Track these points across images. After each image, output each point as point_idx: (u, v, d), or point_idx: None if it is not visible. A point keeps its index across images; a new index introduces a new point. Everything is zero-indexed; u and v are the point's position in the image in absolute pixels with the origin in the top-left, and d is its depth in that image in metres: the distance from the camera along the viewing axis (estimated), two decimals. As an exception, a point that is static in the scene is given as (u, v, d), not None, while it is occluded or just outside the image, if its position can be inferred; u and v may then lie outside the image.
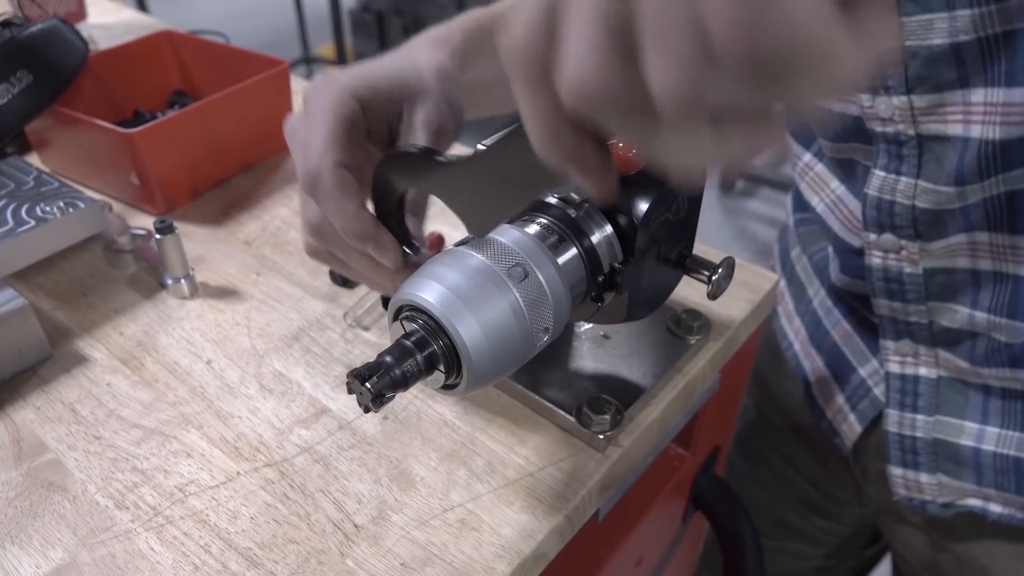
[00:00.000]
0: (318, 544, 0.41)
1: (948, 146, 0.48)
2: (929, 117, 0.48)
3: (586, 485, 0.43)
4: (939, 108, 0.48)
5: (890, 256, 0.54)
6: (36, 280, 0.59)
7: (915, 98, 0.48)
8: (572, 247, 0.39)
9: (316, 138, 0.39)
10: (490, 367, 0.35)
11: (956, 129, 0.47)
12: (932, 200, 0.50)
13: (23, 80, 0.63)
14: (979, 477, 0.56)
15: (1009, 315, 0.51)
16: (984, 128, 0.46)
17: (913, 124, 0.49)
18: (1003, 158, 0.46)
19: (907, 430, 0.58)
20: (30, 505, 0.43)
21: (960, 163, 0.48)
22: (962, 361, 0.55)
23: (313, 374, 0.50)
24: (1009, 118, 0.45)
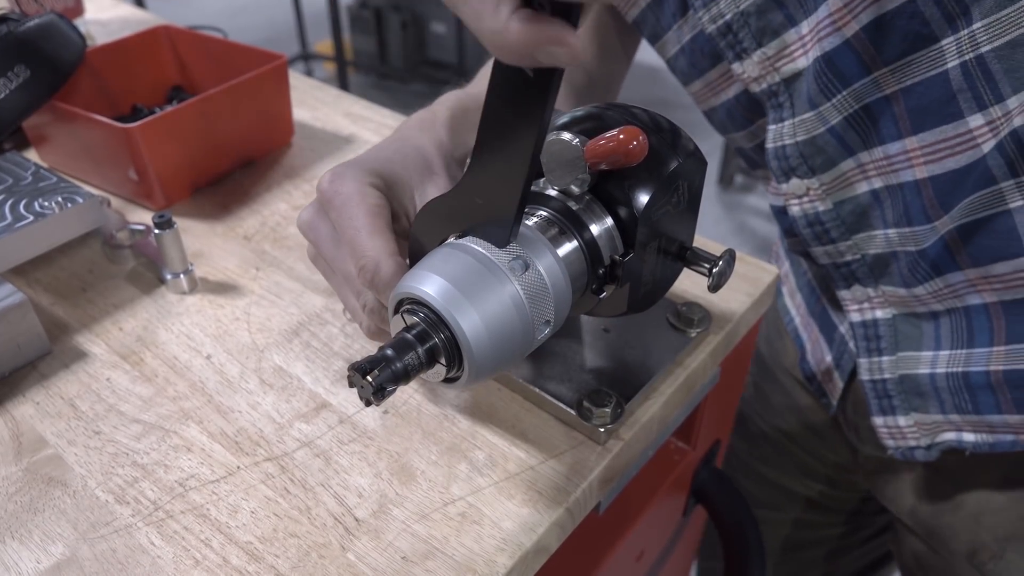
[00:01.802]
0: (319, 538, 0.40)
1: (803, 78, 0.54)
2: (782, 60, 0.55)
3: (587, 478, 0.43)
4: (785, 50, 0.55)
5: (804, 201, 0.58)
6: (35, 275, 0.59)
7: (766, 49, 0.55)
8: (572, 239, 0.39)
9: (360, 232, 0.42)
10: (491, 360, 0.35)
11: (802, 62, 0.54)
12: (804, 129, 0.55)
13: (20, 75, 0.63)
14: (941, 404, 0.58)
15: (908, 223, 0.54)
16: (813, 50, 0.52)
17: (775, 71, 0.56)
18: (833, 73, 0.51)
19: (876, 374, 0.61)
20: (30, 500, 0.43)
21: (807, 84, 0.53)
22: (901, 289, 0.58)
23: (313, 368, 0.50)
24: (822, 32, 0.50)
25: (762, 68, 0.56)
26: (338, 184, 0.43)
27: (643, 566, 0.64)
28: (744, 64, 0.57)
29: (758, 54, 0.56)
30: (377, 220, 0.42)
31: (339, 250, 0.44)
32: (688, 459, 0.61)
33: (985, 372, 0.54)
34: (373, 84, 3.43)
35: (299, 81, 0.85)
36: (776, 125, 0.58)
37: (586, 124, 0.40)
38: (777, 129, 0.58)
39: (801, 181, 0.57)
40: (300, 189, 0.68)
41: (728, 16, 0.56)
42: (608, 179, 0.39)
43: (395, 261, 0.41)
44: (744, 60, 0.57)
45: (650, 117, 0.41)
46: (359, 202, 0.42)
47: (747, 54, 0.56)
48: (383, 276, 0.40)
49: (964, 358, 0.56)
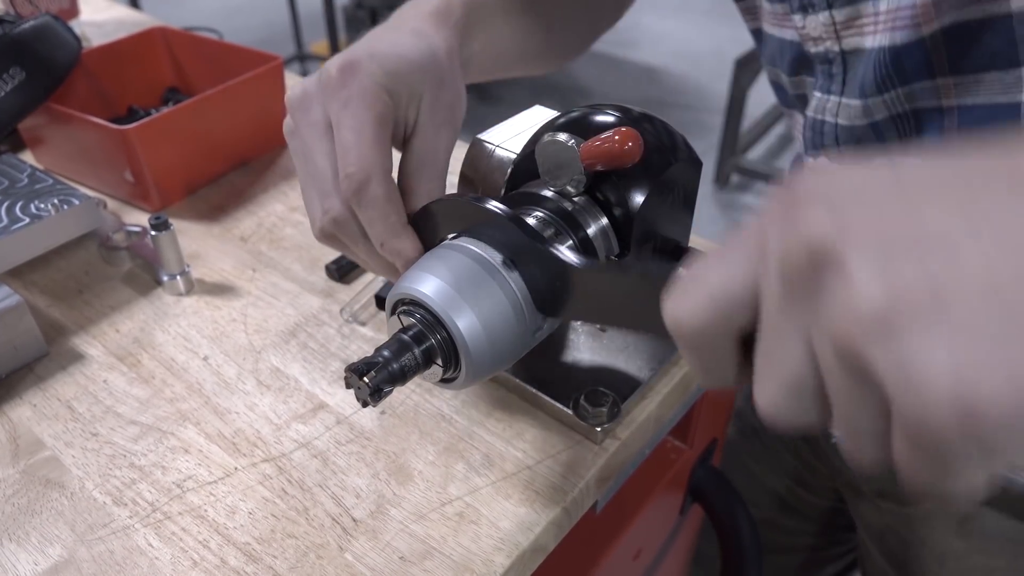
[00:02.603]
0: (317, 538, 0.41)
1: (862, 60, 0.50)
2: (849, 31, 0.49)
3: (584, 478, 0.43)
4: (856, 21, 0.49)
5: None
6: (31, 277, 0.59)
7: (835, 12, 0.49)
8: (568, 240, 0.39)
9: (360, 140, 0.38)
10: (489, 360, 0.35)
11: (868, 41, 0.48)
12: (845, 115, 0.51)
13: (16, 77, 0.63)
14: None
15: None
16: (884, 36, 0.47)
17: (837, 40, 0.50)
18: (895, 68, 0.47)
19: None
20: (27, 502, 0.43)
21: (864, 73, 0.49)
22: None
23: (310, 369, 0.50)
24: (898, 23, 0.46)
25: (825, 31, 0.51)
26: (350, 76, 0.39)
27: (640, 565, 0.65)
28: (807, 19, 0.51)
29: (824, 15, 0.50)
30: (380, 131, 0.38)
31: (323, 143, 0.40)
32: (685, 458, 0.61)
33: None
34: (369, 84, 3.42)
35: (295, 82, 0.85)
36: (822, 94, 0.53)
37: (582, 125, 0.40)
38: (821, 101, 0.54)
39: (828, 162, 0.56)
40: (296, 190, 0.68)
41: None
42: (604, 180, 0.39)
43: (387, 181, 0.38)
44: (808, 15, 0.51)
45: (646, 118, 0.41)
46: (368, 105, 0.38)
47: (814, 10, 0.51)
48: (370, 193, 0.38)
49: None
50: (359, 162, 0.38)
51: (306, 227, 0.63)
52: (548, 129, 0.40)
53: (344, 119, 0.38)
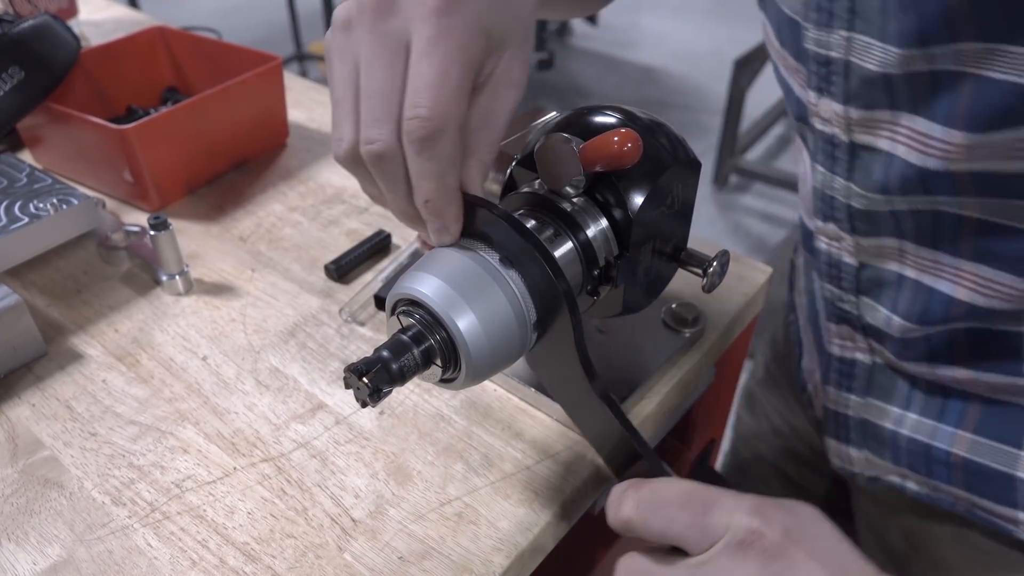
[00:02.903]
0: (316, 538, 0.41)
1: (876, 157, 0.49)
2: (861, 128, 0.49)
3: (582, 478, 0.43)
4: (870, 122, 0.48)
5: (833, 244, 0.56)
6: (30, 277, 0.59)
7: (850, 109, 0.48)
8: (568, 241, 0.39)
9: (445, 84, 0.33)
10: (489, 360, 0.35)
11: (884, 144, 0.48)
12: (863, 203, 0.51)
13: (14, 76, 0.63)
14: (896, 457, 0.59)
15: (920, 322, 0.53)
16: (908, 151, 0.46)
17: (847, 132, 0.49)
18: (922, 183, 0.47)
19: (841, 408, 0.61)
20: (26, 502, 0.43)
21: (885, 176, 0.49)
22: (889, 353, 0.57)
23: (309, 370, 0.50)
24: (928, 149, 0.45)
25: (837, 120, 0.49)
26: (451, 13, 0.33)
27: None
28: (821, 101, 0.50)
29: (839, 107, 0.49)
30: (467, 80, 0.34)
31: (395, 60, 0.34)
32: (684, 458, 0.61)
33: (947, 452, 0.55)
34: (368, 84, 3.41)
35: (294, 82, 0.85)
36: (824, 171, 0.52)
37: (581, 126, 0.40)
38: (827, 178, 0.52)
39: (838, 230, 0.54)
40: (295, 190, 0.68)
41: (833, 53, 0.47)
42: (603, 181, 0.39)
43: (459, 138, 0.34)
44: (822, 96, 0.50)
45: (645, 119, 0.41)
46: (465, 45, 0.33)
47: (827, 95, 0.49)
48: (439, 146, 0.33)
49: (930, 430, 0.56)
50: (438, 107, 0.33)
51: (305, 228, 0.63)
52: (548, 130, 0.40)
53: (434, 51, 0.33)
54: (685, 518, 0.33)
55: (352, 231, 0.63)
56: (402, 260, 0.58)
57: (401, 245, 0.61)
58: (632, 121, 0.40)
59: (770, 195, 2.50)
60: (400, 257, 0.58)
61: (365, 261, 0.59)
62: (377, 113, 0.34)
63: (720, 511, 0.32)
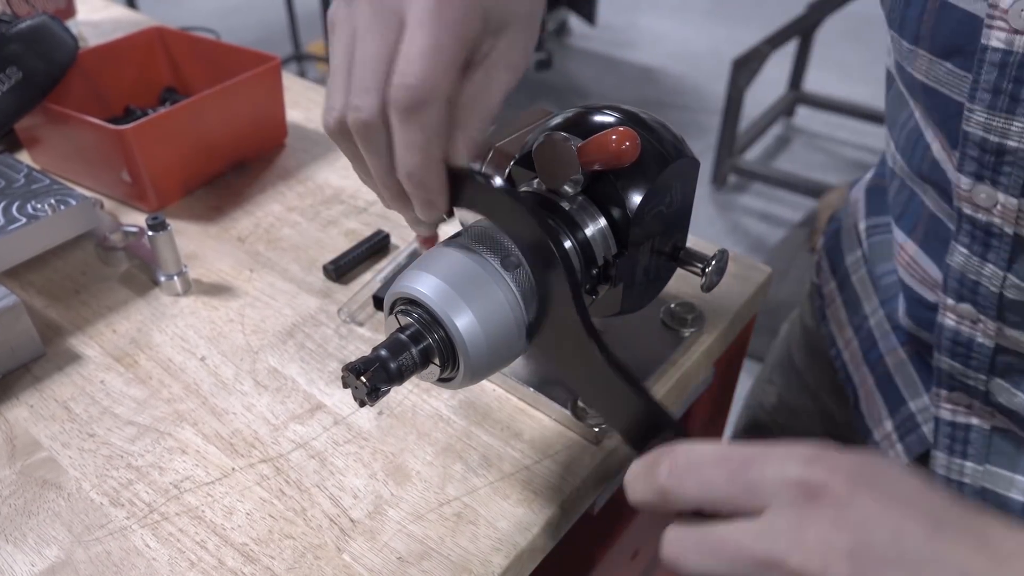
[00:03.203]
0: (314, 539, 0.41)
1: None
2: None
3: (581, 477, 0.43)
4: None
5: (965, 323, 0.48)
6: (28, 278, 0.59)
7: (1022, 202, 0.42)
8: (566, 240, 0.39)
9: (435, 57, 0.33)
10: (487, 359, 0.35)
11: None
12: (1019, 293, 0.45)
13: (12, 77, 0.63)
14: None
15: None
16: None
17: (1015, 225, 0.43)
18: None
19: (955, 475, 0.55)
20: (24, 503, 0.43)
21: None
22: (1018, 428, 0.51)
23: (308, 370, 0.50)
24: None
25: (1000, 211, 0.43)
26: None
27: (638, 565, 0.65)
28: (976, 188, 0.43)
29: (1010, 199, 0.42)
30: (458, 55, 0.33)
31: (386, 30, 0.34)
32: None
33: None
34: (366, 85, 3.41)
35: (292, 82, 0.85)
36: (971, 255, 0.45)
37: (580, 125, 0.40)
38: (972, 262, 0.46)
39: (976, 312, 0.47)
40: (294, 190, 0.68)
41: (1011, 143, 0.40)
42: (601, 180, 0.39)
43: (446, 110, 0.34)
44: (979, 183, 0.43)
45: (643, 118, 0.41)
46: (459, 20, 0.33)
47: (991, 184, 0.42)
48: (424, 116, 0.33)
49: None
50: (425, 78, 0.32)
51: (304, 228, 0.63)
52: (546, 129, 0.40)
53: (428, 23, 0.33)
54: (724, 475, 0.29)
55: (351, 231, 0.63)
56: (400, 260, 0.58)
57: (400, 245, 0.61)
58: (630, 120, 0.40)
59: (768, 195, 2.50)
60: (399, 257, 0.58)
61: (364, 261, 0.59)
62: (366, 82, 0.34)
63: (769, 464, 0.28)
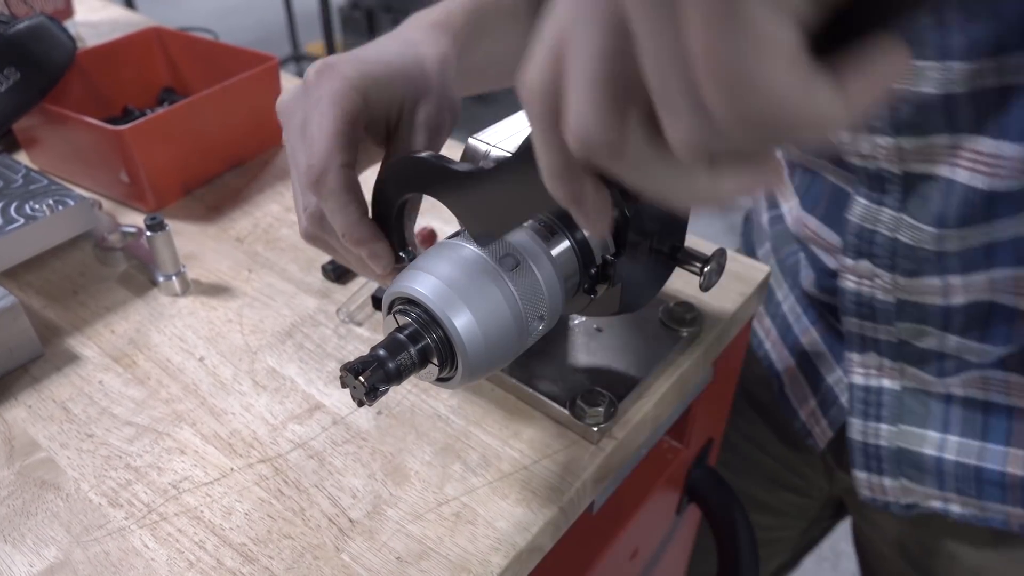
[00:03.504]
0: (313, 539, 0.41)
1: (934, 185, 0.47)
2: (916, 157, 0.47)
3: (580, 477, 0.43)
4: (926, 150, 0.46)
5: (864, 282, 0.54)
6: (26, 278, 0.59)
7: (902, 140, 0.47)
8: (564, 239, 0.39)
9: (321, 134, 0.39)
10: (485, 359, 0.35)
11: (943, 170, 0.46)
12: (913, 237, 0.49)
13: (10, 78, 0.63)
14: (941, 483, 0.57)
15: (981, 339, 0.51)
16: (972, 176, 0.45)
17: (899, 163, 0.48)
18: (986, 208, 0.45)
19: (871, 439, 0.59)
20: (23, 504, 0.43)
21: (944, 204, 0.47)
22: (929, 376, 0.55)
23: (306, 370, 0.50)
24: (997, 171, 0.44)
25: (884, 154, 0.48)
26: (323, 77, 0.40)
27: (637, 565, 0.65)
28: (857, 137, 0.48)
29: (887, 140, 0.47)
30: (345, 126, 0.39)
31: (302, 142, 0.41)
32: (681, 458, 0.61)
33: (1000, 472, 0.53)
34: (365, 85, 3.41)
35: (290, 82, 0.85)
36: (869, 203, 0.50)
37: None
38: (871, 210, 0.50)
39: (873, 268, 0.52)
40: (291, 191, 0.68)
41: None
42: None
43: (345, 172, 0.39)
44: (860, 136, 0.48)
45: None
46: (334, 103, 0.39)
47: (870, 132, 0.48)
48: (328, 183, 0.39)
49: (977, 451, 0.54)
50: (319, 154, 0.38)
51: (302, 227, 0.63)
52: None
53: (313, 116, 0.40)
54: None
55: (349, 231, 0.63)
56: (399, 260, 0.58)
57: (398, 245, 0.61)
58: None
59: (768, 194, 2.50)
60: (397, 257, 0.58)
61: (362, 261, 0.59)
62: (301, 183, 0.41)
63: None
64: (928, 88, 0.44)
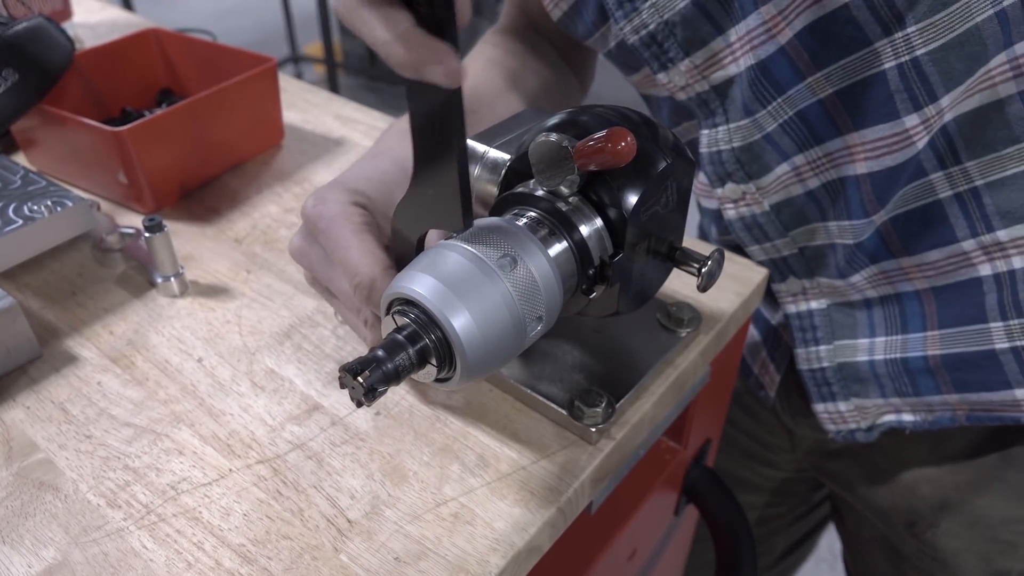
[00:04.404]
0: (311, 540, 0.41)
1: (735, 84, 0.54)
2: (711, 68, 0.55)
3: (579, 478, 0.43)
4: (713, 58, 0.54)
5: (740, 205, 0.59)
6: (24, 279, 0.59)
7: (693, 58, 0.55)
8: (562, 240, 0.39)
9: (352, 251, 0.41)
10: (484, 359, 0.35)
11: (732, 68, 0.54)
12: (740, 136, 0.55)
13: (9, 79, 0.63)
14: (882, 389, 0.60)
15: (847, 216, 0.55)
16: (744, 58, 0.52)
17: (704, 80, 0.56)
18: (768, 80, 0.52)
19: (815, 363, 0.63)
20: (21, 505, 0.43)
21: (743, 94, 0.54)
22: (837, 280, 0.59)
23: (305, 371, 0.50)
24: (754, 42, 0.51)
25: (689, 77, 0.56)
26: (321, 207, 0.44)
27: (635, 565, 0.65)
28: (670, 74, 0.57)
29: (685, 63, 0.55)
30: (365, 237, 0.42)
31: (333, 271, 0.44)
32: (679, 458, 0.61)
33: (923, 357, 0.56)
34: (363, 86, 3.43)
35: (289, 83, 0.85)
36: (710, 130, 0.58)
37: (575, 125, 0.40)
38: (711, 135, 0.58)
39: (737, 186, 0.58)
40: (290, 192, 0.68)
41: (652, 26, 0.55)
42: (597, 180, 0.39)
43: (389, 275, 0.41)
44: (670, 70, 0.56)
45: (638, 117, 0.41)
46: (344, 222, 0.43)
47: (673, 64, 0.56)
48: (379, 290, 0.40)
49: (900, 344, 0.57)
50: (358, 270, 0.41)
51: (300, 228, 0.63)
52: (541, 129, 0.40)
53: (332, 243, 0.42)
54: None
55: (347, 232, 0.63)
56: (397, 261, 0.58)
57: (396, 246, 0.61)
58: (626, 120, 0.41)
59: (766, 195, 2.50)
60: (395, 258, 0.58)
61: (360, 262, 0.59)
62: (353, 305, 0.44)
63: None
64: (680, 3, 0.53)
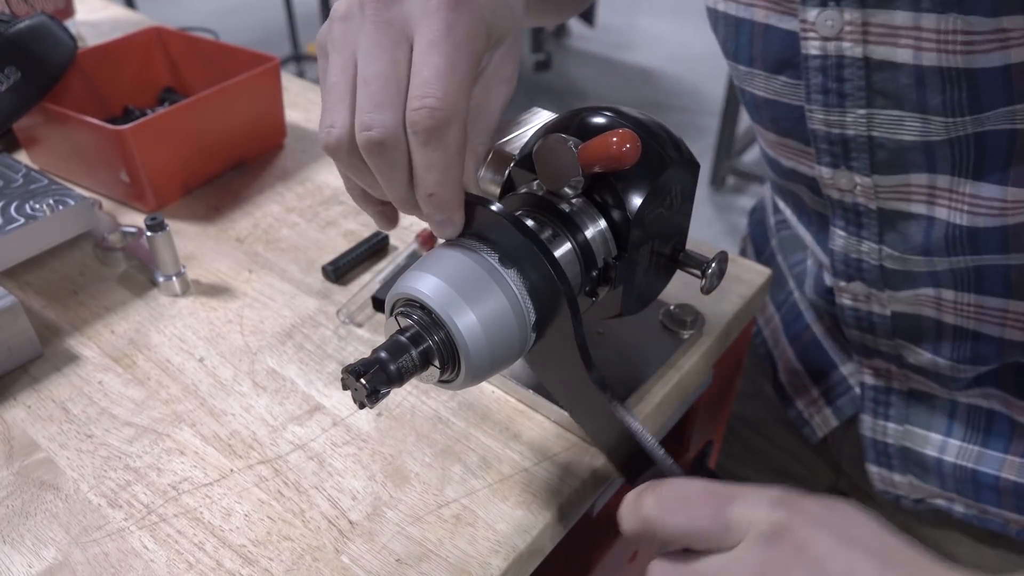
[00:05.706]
0: (313, 541, 0.40)
1: (911, 222, 0.49)
2: (892, 195, 0.48)
3: (580, 479, 0.43)
4: (903, 187, 0.47)
5: (860, 299, 0.56)
6: (26, 278, 0.59)
7: (878, 178, 0.48)
8: (566, 242, 0.39)
9: (453, 76, 0.32)
10: (488, 361, 0.35)
11: (919, 208, 0.48)
12: (899, 263, 0.51)
13: (11, 77, 0.63)
14: (942, 482, 0.59)
15: (971, 362, 0.53)
16: (951, 213, 0.46)
17: (875, 200, 0.49)
18: (970, 243, 0.47)
19: (879, 436, 0.61)
20: (22, 504, 0.43)
21: (927, 239, 0.48)
22: (933, 384, 0.57)
23: (306, 371, 0.50)
24: (976, 209, 0.45)
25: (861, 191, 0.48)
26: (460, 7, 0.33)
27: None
28: (837, 174, 0.49)
29: (864, 179, 0.48)
30: (472, 73, 0.33)
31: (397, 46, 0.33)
32: (681, 460, 0.61)
33: (995, 476, 0.55)
34: (365, 85, 3.41)
35: (291, 82, 0.85)
36: (848, 236, 0.52)
37: (580, 127, 0.40)
38: (851, 242, 0.52)
39: (867, 288, 0.54)
40: (292, 191, 0.68)
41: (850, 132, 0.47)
42: (601, 182, 0.39)
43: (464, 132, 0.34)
44: (837, 170, 0.49)
45: (643, 119, 0.41)
46: (471, 38, 0.33)
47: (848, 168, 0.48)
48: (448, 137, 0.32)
49: (976, 456, 0.56)
50: (447, 98, 0.32)
51: (303, 229, 0.63)
52: (546, 131, 0.40)
53: (444, 41, 0.32)
54: (707, 513, 0.31)
55: (350, 232, 0.63)
56: (400, 261, 0.58)
57: (399, 246, 0.61)
58: (630, 122, 0.40)
59: (767, 197, 2.51)
60: (398, 258, 0.58)
61: (363, 262, 0.59)
62: (379, 99, 0.33)
63: (743, 505, 0.30)
64: (908, 136, 0.45)
